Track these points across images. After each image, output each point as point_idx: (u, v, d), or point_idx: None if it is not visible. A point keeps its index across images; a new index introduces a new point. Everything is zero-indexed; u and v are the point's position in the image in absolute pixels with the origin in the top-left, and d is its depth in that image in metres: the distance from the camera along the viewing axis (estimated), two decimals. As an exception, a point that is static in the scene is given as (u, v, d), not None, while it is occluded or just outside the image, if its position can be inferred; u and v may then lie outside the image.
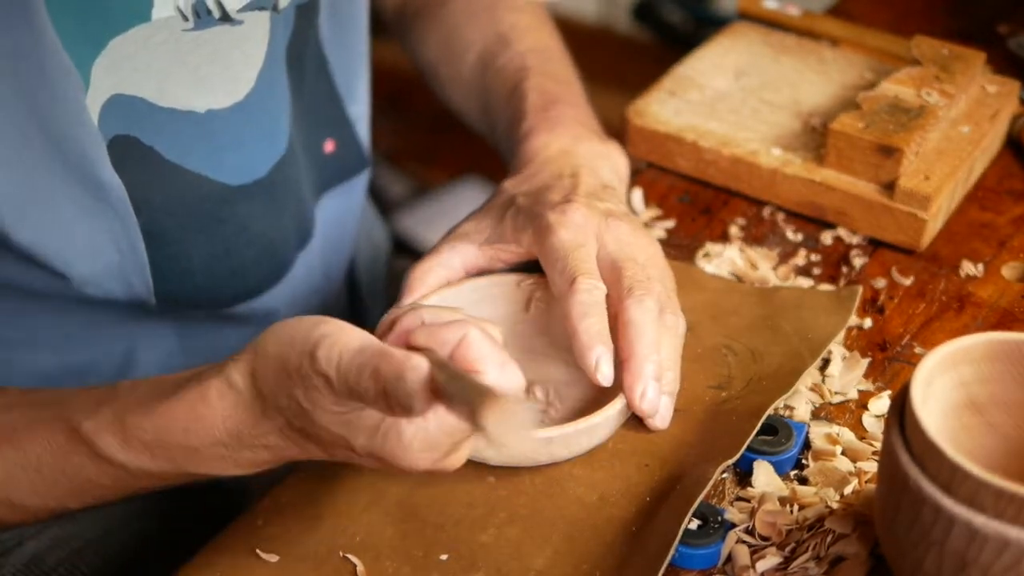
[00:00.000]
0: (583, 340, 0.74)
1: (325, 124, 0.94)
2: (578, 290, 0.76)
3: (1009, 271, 0.91)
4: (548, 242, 0.79)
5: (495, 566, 0.70)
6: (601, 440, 0.75)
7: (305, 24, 0.87)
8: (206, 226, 0.83)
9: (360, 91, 0.96)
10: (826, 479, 0.74)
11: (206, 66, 0.79)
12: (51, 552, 0.93)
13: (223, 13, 0.79)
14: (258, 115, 0.84)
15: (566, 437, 0.73)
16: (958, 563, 0.59)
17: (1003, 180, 1.01)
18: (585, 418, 0.73)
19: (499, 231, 0.83)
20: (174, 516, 1.00)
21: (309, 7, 0.87)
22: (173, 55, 0.77)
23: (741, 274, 0.91)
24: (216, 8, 0.78)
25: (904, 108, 0.94)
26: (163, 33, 0.76)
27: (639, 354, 0.74)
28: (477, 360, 0.62)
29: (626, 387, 0.74)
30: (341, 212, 0.98)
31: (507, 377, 0.63)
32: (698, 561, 0.69)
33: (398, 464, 0.64)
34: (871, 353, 0.84)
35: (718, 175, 0.99)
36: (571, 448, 0.74)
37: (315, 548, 0.71)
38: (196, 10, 0.77)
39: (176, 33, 0.77)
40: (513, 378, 0.63)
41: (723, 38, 1.11)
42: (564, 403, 0.80)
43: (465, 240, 0.83)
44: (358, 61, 0.95)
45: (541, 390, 0.81)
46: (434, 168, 2.39)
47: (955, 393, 0.66)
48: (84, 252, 0.77)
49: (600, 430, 0.74)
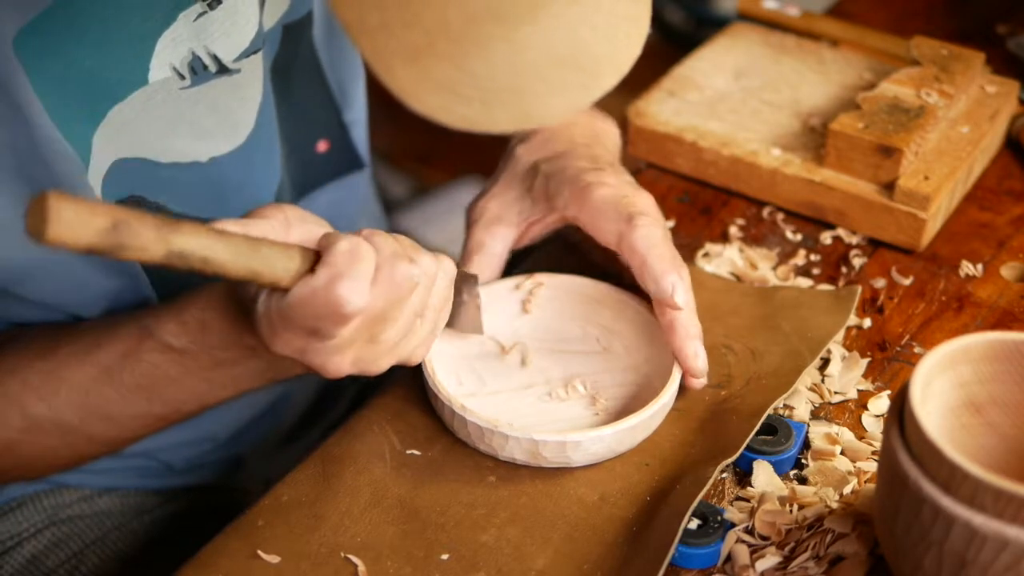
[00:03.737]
0: (656, 268, 0.77)
1: (318, 127, 0.94)
2: (639, 225, 0.78)
3: (1008, 271, 0.91)
4: (592, 197, 0.80)
5: (496, 566, 0.70)
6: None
7: (295, 38, 0.87)
8: None
9: (356, 97, 0.97)
10: (826, 479, 0.74)
11: (207, 118, 0.80)
12: (51, 553, 0.93)
13: (220, 66, 0.79)
14: (259, 151, 0.84)
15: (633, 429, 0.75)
16: (957, 563, 0.59)
17: (1002, 180, 1.01)
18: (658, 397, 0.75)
19: (528, 202, 0.84)
20: (174, 516, 1.00)
21: (300, 23, 0.87)
22: (173, 113, 0.77)
23: (741, 274, 0.91)
24: (212, 63, 0.78)
25: (904, 108, 0.94)
26: (161, 94, 0.76)
27: (682, 318, 0.77)
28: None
29: (676, 350, 0.77)
30: (335, 209, 0.98)
31: None
32: (698, 561, 0.69)
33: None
34: (870, 353, 0.84)
35: (718, 175, 0.99)
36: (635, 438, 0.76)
37: (316, 548, 0.71)
38: (192, 67, 0.77)
39: (174, 92, 0.77)
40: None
41: (723, 38, 1.11)
42: (606, 390, 0.81)
43: (500, 223, 0.84)
44: (354, 68, 0.95)
45: (580, 383, 0.81)
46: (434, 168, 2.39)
47: (954, 393, 0.66)
48: (97, 300, 0.81)
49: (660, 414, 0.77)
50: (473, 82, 0.58)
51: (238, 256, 0.64)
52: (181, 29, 0.75)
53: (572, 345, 0.84)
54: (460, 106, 0.59)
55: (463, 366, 0.82)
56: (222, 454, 0.99)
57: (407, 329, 0.72)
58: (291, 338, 0.68)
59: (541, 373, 0.82)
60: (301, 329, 0.67)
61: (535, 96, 0.60)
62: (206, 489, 1.01)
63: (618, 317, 0.83)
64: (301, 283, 0.66)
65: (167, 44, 0.75)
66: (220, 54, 0.78)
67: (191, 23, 0.75)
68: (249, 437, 0.99)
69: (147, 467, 0.96)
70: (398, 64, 0.58)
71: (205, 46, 0.77)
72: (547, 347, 0.84)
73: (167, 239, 0.61)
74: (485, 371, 0.82)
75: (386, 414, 0.79)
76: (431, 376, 0.76)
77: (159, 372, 0.77)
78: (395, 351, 0.72)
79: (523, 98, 0.60)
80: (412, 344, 0.73)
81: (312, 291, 0.66)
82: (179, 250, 0.62)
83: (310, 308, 0.66)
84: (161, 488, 0.99)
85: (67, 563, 0.93)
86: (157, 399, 0.78)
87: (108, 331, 0.78)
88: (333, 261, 0.66)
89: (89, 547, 0.94)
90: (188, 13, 0.75)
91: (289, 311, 0.67)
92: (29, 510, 0.94)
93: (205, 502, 1.01)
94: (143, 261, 0.60)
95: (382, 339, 0.70)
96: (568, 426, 0.78)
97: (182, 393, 0.78)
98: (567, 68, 0.61)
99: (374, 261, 0.68)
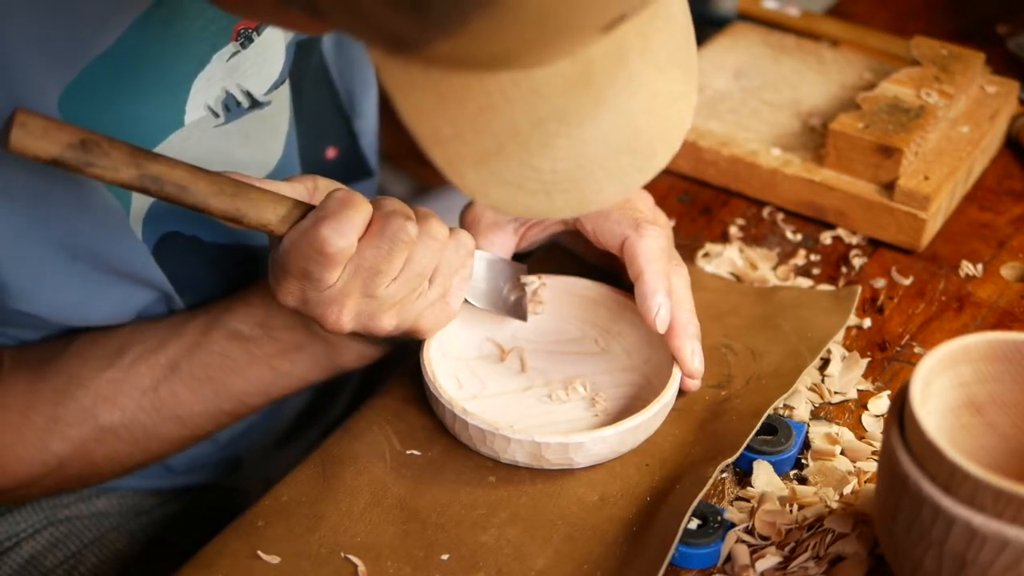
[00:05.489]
0: (648, 285, 0.78)
1: (328, 135, 0.94)
2: (645, 235, 0.79)
3: (1008, 271, 0.91)
4: None
5: (496, 566, 0.70)
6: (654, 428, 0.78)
7: (306, 53, 0.87)
8: (239, 281, 0.85)
9: (366, 106, 0.97)
10: (825, 479, 0.74)
11: (239, 150, 0.80)
12: (49, 553, 0.93)
13: (252, 101, 0.79)
14: (285, 175, 0.84)
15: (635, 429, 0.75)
16: (957, 563, 0.59)
17: (1002, 180, 1.01)
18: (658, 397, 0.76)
19: None
20: (173, 516, 1.00)
21: (311, 40, 0.87)
22: (207, 150, 0.78)
23: (741, 274, 0.91)
24: (245, 99, 0.79)
25: (904, 108, 0.94)
26: (196, 134, 0.77)
27: (679, 318, 0.78)
28: None
29: (674, 349, 0.78)
30: None
31: None
32: (698, 561, 0.69)
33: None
34: (871, 353, 0.84)
35: (718, 175, 0.99)
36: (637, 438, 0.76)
37: (316, 548, 0.71)
38: (226, 105, 0.78)
39: (209, 131, 0.77)
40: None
41: (723, 38, 1.11)
42: (606, 391, 0.81)
43: (497, 229, 0.83)
44: (364, 79, 0.95)
45: (580, 385, 0.81)
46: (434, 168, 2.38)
47: (954, 393, 0.66)
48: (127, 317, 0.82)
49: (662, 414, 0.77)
50: (537, 176, 0.60)
51: (220, 193, 0.68)
52: (215, 70, 0.76)
53: (571, 346, 0.84)
54: (523, 198, 0.61)
55: (462, 368, 0.82)
56: (221, 454, 0.99)
57: (408, 288, 0.73)
58: (289, 286, 0.72)
59: (540, 375, 0.82)
60: (295, 275, 0.71)
61: (593, 183, 0.62)
62: (205, 489, 1.01)
63: (616, 318, 0.83)
64: (293, 229, 0.70)
65: (202, 86, 0.75)
66: (252, 90, 0.79)
67: (224, 63, 0.76)
68: (248, 437, 0.99)
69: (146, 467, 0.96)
70: (469, 168, 0.60)
71: (238, 84, 0.78)
72: (546, 348, 0.84)
73: (140, 163, 0.64)
74: (485, 373, 0.82)
75: (386, 414, 0.79)
76: (431, 379, 0.76)
77: (226, 362, 0.80)
78: (398, 311, 0.74)
79: (582, 186, 0.62)
80: (418, 307, 0.75)
81: (300, 234, 0.70)
82: (152, 175, 0.65)
83: (298, 250, 0.70)
84: (160, 488, 0.99)
85: (65, 563, 0.93)
86: (224, 392, 0.81)
87: (172, 329, 0.81)
88: (323, 205, 0.70)
89: (87, 547, 0.94)
90: (222, 54, 0.75)
91: (283, 256, 0.71)
92: (27, 510, 0.94)
93: (204, 502, 1.01)
94: (113, 182, 0.64)
95: (379, 294, 0.72)
96: (569, 427, 0.78)
97: (247, 384, 0.81)
98: (624, 154, 0.63)
99: (367, 212, 0.71)
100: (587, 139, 0.61)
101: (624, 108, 0.62)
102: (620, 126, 0.62)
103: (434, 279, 0.75)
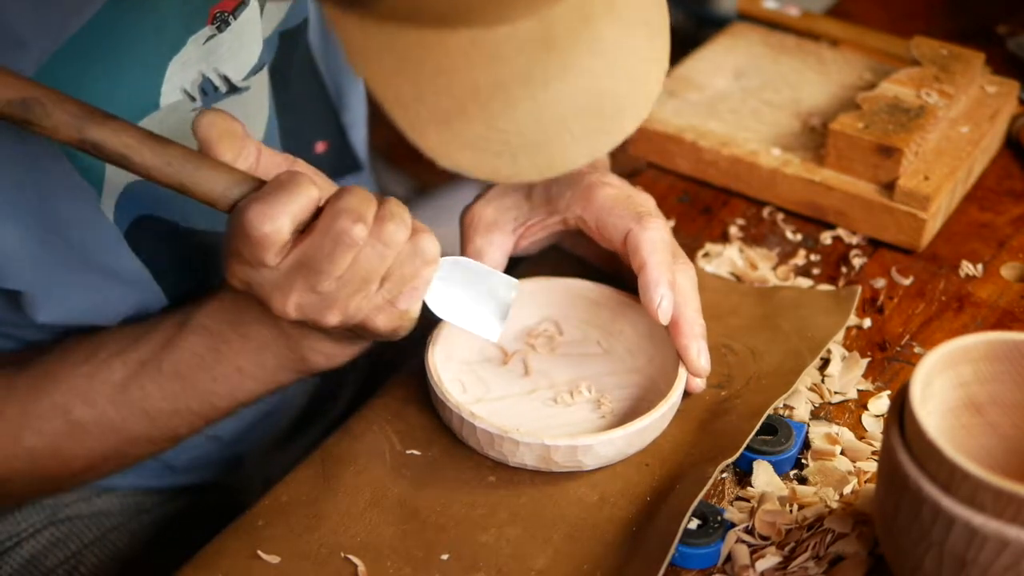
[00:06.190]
0: (651, 276, 0.77)
1: (316, 128, 0.94)
2: (648, 227, 0.78)
3: (1008, 271, 0.91)
4: (598, 196, 0.80)
5: (496, 566, 0.70)
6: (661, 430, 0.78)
7: (291, 44, 0.87)
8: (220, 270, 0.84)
9: (354, 100, 0.96)
10: (825, 479, 0.74)
11: None
12: (50, 552, 0.93)
13: (230, 86, 0.79)
14: None
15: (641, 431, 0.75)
16: (957, 563, 0.59)
17: (1002, 180, 1.01)
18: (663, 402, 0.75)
19: (529, 205, 0.83)
20: (173, 516, 1.00)
21: (296, 29, 0.87)
22: (183, 134, 0.77)
23: (741, 274, 0.91)
24: (222, 83, 0.78)
25: (904, 108, 0.94)
26: (172, 117, 0.76)
27: (686, 316, 0.78)
28: None
29: (680, 348, 0.78)
30: None
31: None
32: (698, 561, 0.69)
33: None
34: (870, 353, 0.84)
35: (718, 175, 0.99)
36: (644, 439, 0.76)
37: (316, 548, 0.71)
38: (203, 89, 0.77)
39: (185, 114, 0.77)
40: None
41: (723, 38, 1.11)
42: (611, 393, 0.81)
43: (497, 230, 0.83)
44: (351, 71, 0.95)
45: (585, 387, 0.81)
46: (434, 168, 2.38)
47: (954, 393, 0.66)
48: (111, 316, 0.81)
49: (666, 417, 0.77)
50: (501, 138, 0.60)
51: (166, 164, 0.66)
52: (191, 53, 0.75)
53: (573, 348, 0.84)
54: (488, 160, 0.60)
55: (466, 372, 0.82)
56: (223, 453, 0.99)
57: (353, 289, 0.71)
58: (232, 264, 0.71)
59: (544, 377, 0.82)
60: (232, 254, 0.70)
61: (560, 146, 0.61)
62: (205, 488, 1.01)
63: (618, 319, 0.83)
64: (236, 207, 0.69)
65: (178, 68, 0.75)
66: (230, 74, 0.78)
67: (200, 46, 0.75)
68: (249, 437, 0.99)
69: (146, 466, 0.96)
70: (431, 130, 0.59)
71: (215, 68, 0.77)
72: (548, 351, 0.84)
73: (82, 127, 0.63)
74: (488, 376, 0.82)
75: (386, 414, 0.79)
76: (438, 384, 0.76)
77: (194, 359, 0.79)
78: (342, 309, 0.72)
79: (548, 149, 0.61)
80: (363, 308, 0.72)
81: (235, 212, 0.69)
82: (93, 140, 0.64)
83: (231, 229, 0.69)
84: (160, 487, 0.99)
85: (66, 563, 0.93)
86: (191, 389, 0.80)
87: (149, 326, 0.80)
88: (264, 188, 0.69)
89: (88, 547, 0.94)
90: (197, 37, 0.75)
91: (226, 234, 0.70)
92: (28, 510, 0.94)
93: (204, 501, 1.01)
94: (56, 140, 0.64)
95: (321, 290, 0.70)
96: (575, 430, 0.78)
97: (214, 383, 0.80)
98: (590, 116, 0.62)
99: (306, 199, 0.68)
100: (551, 101, 0.60)
101: (588, 69, 0.61)
102: (584, 88, 0.61)
103: (383, 284, 0.72)
